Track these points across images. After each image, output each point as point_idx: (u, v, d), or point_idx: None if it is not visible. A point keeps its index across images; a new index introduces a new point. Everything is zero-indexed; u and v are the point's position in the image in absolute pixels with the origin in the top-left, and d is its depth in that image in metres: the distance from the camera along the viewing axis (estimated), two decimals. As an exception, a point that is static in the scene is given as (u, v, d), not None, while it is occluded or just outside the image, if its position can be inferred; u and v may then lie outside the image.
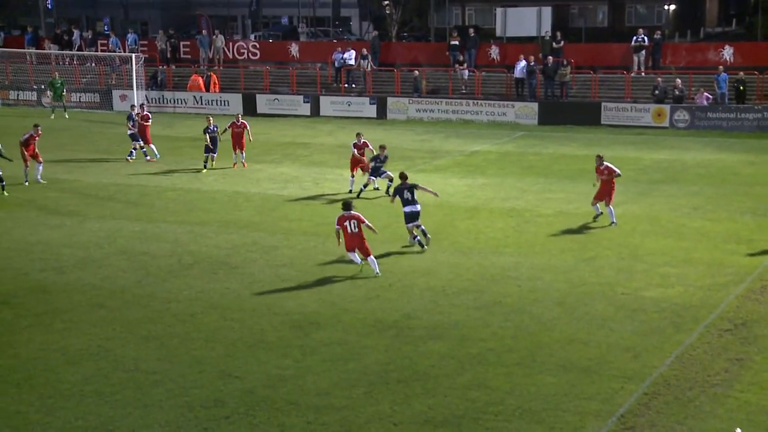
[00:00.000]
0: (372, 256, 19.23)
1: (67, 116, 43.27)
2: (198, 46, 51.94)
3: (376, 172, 26.35)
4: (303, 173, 30.12)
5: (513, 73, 44.10)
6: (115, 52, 51.50)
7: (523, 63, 43.27)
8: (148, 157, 32.92)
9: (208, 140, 30.56)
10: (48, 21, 69.44)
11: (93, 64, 51.86)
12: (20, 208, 25.35)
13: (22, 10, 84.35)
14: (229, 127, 31.01)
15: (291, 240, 21.94)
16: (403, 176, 21.68)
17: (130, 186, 28.21)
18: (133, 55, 47.45)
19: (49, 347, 15.28)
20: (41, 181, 28.49)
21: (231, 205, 25.78)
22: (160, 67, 50.12)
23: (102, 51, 52.82)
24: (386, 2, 59.00)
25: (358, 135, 27.33)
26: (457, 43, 46.90)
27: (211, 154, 30.73)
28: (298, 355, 14.97)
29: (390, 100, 44.18)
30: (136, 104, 45.17)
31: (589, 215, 23.88)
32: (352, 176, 27.23)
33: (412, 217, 21.07)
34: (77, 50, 52.95)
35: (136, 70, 46.21)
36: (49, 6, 70.81)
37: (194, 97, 46.88)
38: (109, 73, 50.64)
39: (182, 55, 53.06)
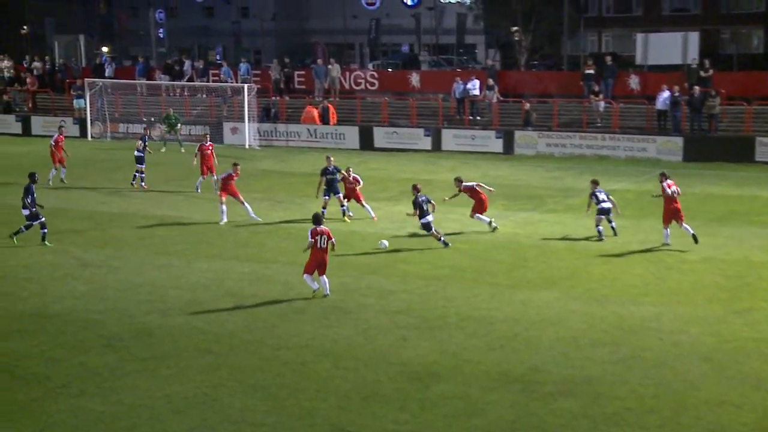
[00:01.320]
0: (325, 277, 20.75)
1: (183, 150, 44.57)
2: (313, 76, 52.96)
3: (605, 212, 26.32)
4: (423, 212, 30.19)
5: (655, 104, 43.45)
6: (226, 82, 52.92)
7: (666, 93, 42.57)
8: (144, 184, 34.83)
9: (325, 183, 28.92)
10: (159, 51, 72.05)
11: (204, 95, 53.46)
12: (127, 247, 26.20)
13: (133, 39, 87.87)
14: (341, 180, 29.40)
15: (408, 284, 21.97)
16: (416, 188, 25.41)
17: (241, 224, 28.80)
18: (246, 85, 48.76)
19: (154, 394, 15.66)
20: (256, 219, 28.95)
21: (345, 246, 25.97)
22: (273, 98, 51.30)
23: (213, 81, 54.35)
24: (515, 28, 59.05)
25: (476, 186, 27.46)
26: (592, 71, 46.53)
27: (332, 197, 29.04)
28: (417, 409, 14.93)
29: (518, 134, 44.07)
30: (247, 137, 46.47)
31: (742, 262, 23.20)
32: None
33: (429, 227, 25.28)
34: (188, 80, 54.60)
35: (248, 101, 47.43)
36: (161, 35, 73.54)
37: (308, 129, 47.73)
38: (220, 105, 52.09)
39: (296, 86, 54.21)
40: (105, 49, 77.98)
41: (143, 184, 35.01)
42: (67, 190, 34.90)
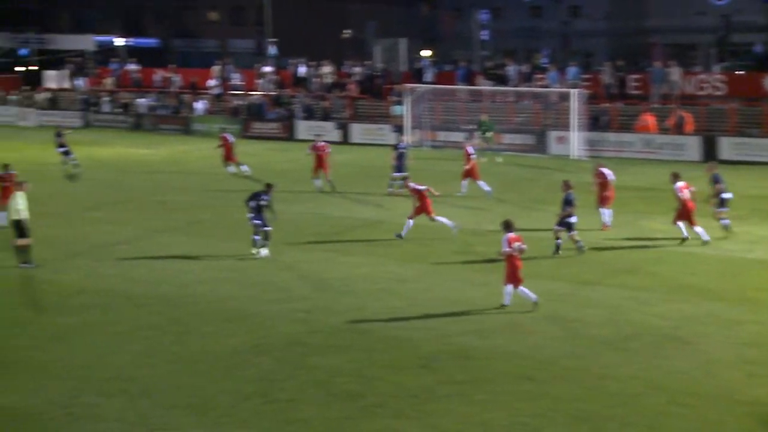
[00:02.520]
0: (522, 286, 21.70)
1: (499, 160, 45.26)
2: (650, 80, 51.96)
3: None
4: (776, 233, 28.93)
5: None
6: (552, 87, 52.96)
7: None
8: (391, 189, 36.80)
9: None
10: (482, 54, 73.30)
11: (529, 102, 53.74)
12: (446, 263, 26.83)
13: (455, 42, 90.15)
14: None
15: (759, 314, 21.10)
16: (568, 185, 26.89)
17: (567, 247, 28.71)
18: (574, 90, 48.62)
19: (469, 420, 16.00)
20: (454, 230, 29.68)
21: (681, 268, 25.40)
22: (604, 104, 50.79)
23: (539, 86, 54.55)
24: None
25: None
26: None
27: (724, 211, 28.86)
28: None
29: None
30: (574, 147, 46.33)
31: None
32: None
33: (571, 227, 26.98)
34: (512, 86, 55.15)
35: (576, 107, 47.26)
36: (484, 37, 74.89)
37: (642, 139, 46.94)
38: (544, 112, 52.18)
39: (630, 91, 53.38)
40: (427, 52, 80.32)
41: (389, 189, 36.95)
42: (386, 200, 36.24)
